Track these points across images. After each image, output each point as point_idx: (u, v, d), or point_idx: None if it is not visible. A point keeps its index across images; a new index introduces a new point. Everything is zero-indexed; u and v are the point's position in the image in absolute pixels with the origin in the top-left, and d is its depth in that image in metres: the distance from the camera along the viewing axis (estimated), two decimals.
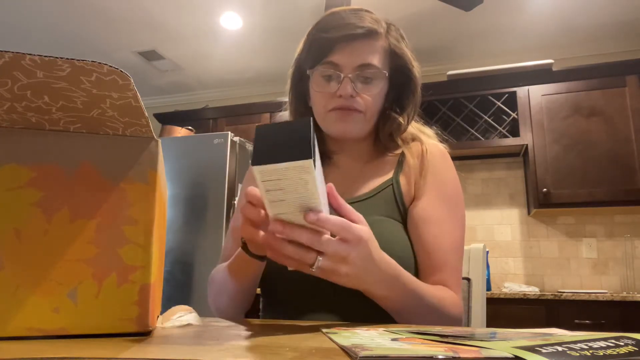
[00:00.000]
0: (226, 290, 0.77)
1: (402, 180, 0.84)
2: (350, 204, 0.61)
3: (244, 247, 0.65)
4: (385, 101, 0.85)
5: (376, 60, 0.81)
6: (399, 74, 0.85)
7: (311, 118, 0.46)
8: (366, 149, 0.89)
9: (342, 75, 0.79)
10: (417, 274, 0.78)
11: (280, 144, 0.43)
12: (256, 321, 0.66)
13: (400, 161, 0.86)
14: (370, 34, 0.80)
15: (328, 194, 0.56)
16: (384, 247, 0.62)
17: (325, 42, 0.80)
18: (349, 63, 0.79)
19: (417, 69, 0.86)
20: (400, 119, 0.85)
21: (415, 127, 0.91)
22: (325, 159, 0.90)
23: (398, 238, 0.78)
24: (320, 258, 0.54)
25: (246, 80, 3.70)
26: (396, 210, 0.81)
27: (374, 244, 0.58)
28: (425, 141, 0.88)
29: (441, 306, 0.70)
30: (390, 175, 0.85)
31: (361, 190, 0.84)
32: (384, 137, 0.87)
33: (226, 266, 0.76)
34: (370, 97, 0.81)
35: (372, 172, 0.87)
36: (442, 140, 0.91)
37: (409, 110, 0.86)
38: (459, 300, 0.75)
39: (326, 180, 0.84)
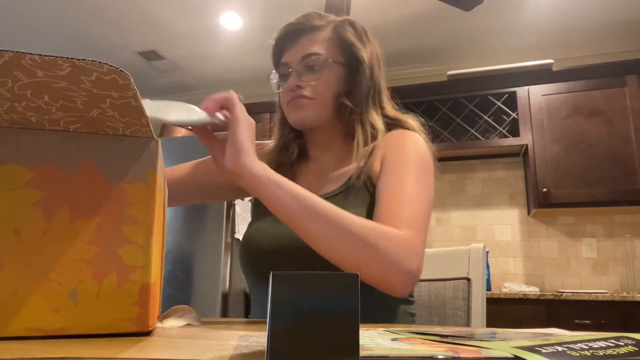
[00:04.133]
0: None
1: (373, 167, 0.83)
2: (326, 199, 0.65)
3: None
4: (341, 88, 0.86)
5: (317, 49, 0.85)
6: (351, 60, 0.86)
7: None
8: (339, 143, 0.90)
9: (291, 71, 0.86)
10: None
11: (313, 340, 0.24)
12: (255, 321, 0.66)
13: (373, 150, 0.85)
14: (312, 29, 0.86)
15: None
16: None
17: (277, 48, 0.90)
18: (295, 58, 0.86)
19: (366, 52, 0.86)
20: (350, 103, 0.85)
21: (397, 117, 0.90)
22: (302, 157, 0.92)
23: None
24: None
25: (246, 80, 3.70)
26: (368, 198, 0.80)
27: None
28: (399, 129, 0.87)
29: (359, 228, 0.64)
30: (361, 165, 0.83)
31: (334, 185, 0.85)
32: (343, 124, 0.88)
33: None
34: (316, 83, 0.84)
35: (346, 166, 0.86)
36: (427, 132, 0.89)
37: (360, 93, 0.85)
38: (411, 244, 0.66)
39: (303, 178, 0.91)
